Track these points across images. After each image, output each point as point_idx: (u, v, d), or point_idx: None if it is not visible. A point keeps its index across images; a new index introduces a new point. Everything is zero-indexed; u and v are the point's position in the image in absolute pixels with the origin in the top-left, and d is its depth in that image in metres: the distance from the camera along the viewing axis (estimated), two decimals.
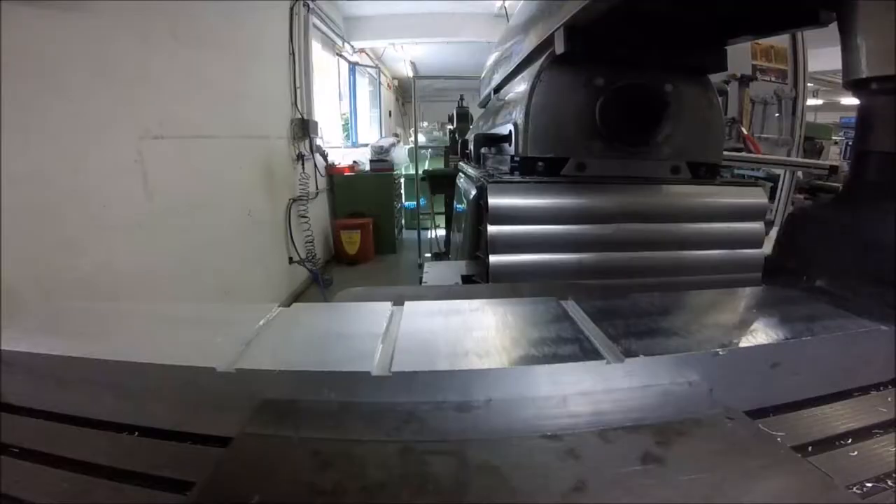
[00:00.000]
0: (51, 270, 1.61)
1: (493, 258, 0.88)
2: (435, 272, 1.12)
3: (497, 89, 1.63)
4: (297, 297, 3.85)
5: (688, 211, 0.96)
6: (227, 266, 2.73)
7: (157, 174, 2.11)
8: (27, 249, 1.53)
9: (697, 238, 0.96)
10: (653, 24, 0.89)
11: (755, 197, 0.99)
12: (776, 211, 2.91)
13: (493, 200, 0.87)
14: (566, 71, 0.97)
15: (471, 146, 1.46)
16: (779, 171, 3.02)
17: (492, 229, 0.88)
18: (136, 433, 0.41)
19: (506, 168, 1.11)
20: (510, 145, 1.06)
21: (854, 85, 0.60)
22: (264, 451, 0.34)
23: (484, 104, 2.01)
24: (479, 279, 1.02)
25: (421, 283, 1.10)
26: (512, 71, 1.36)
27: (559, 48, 0.90)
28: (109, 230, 1.86)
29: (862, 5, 0.58)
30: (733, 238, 0.97)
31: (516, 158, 1.02)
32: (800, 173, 2.95)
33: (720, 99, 1.61)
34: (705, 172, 1.04)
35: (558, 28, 0.89)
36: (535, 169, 0.99)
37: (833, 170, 2.47)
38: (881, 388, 0.46)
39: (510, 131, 1.05)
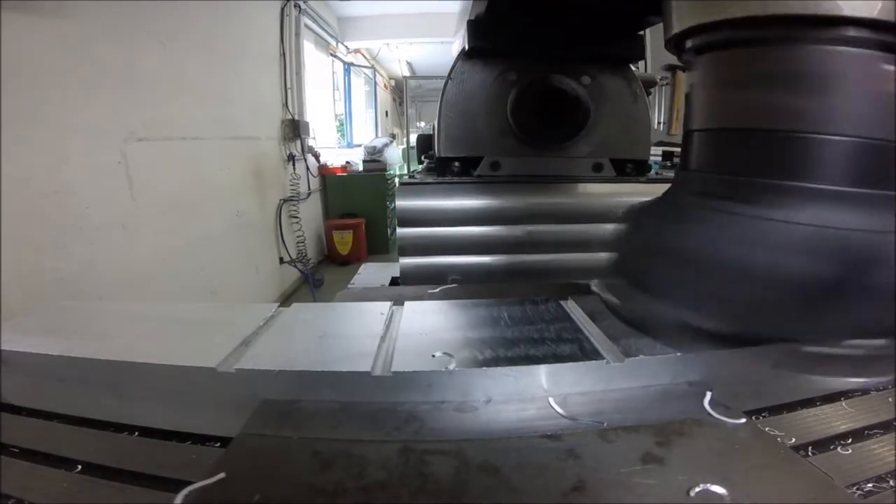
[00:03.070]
0: (33, 272, 1.59)
1: (402, 260, 0.89)
2: (367, 274, 1.08)
3: None
4: (288, 297, 3.83)
5: (609, 210, 0.90)
6: (215, 266, 2.71)
7: (143, 176, 2.08)
8: (10, 251, 1.51)
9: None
10: (561, 13, 0.85)
11: None
12: None
13: (401, 203, 0.87)
14: (477, 66, 0.93)
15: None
16: None
17: (400, 231, 0.88)
18: (136, 433, 0.40)
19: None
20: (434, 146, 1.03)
21: (671, 45, 0.48)
22: (264, 451, 0.34)
23: None
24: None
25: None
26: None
27: (468, 42, 0.88)
28: (93, 231, 1.83)
29: None
30: None
31: (435, 159, 1.00)
32: None
33: (651, 91, 1.52)
34: (632, 170, 0.99)
35: (467, 22, 0.88)
36: (450, 169, 0.96)
37: None
38: (881, 388, 0.46)
39: (432, 131, 1.02)
